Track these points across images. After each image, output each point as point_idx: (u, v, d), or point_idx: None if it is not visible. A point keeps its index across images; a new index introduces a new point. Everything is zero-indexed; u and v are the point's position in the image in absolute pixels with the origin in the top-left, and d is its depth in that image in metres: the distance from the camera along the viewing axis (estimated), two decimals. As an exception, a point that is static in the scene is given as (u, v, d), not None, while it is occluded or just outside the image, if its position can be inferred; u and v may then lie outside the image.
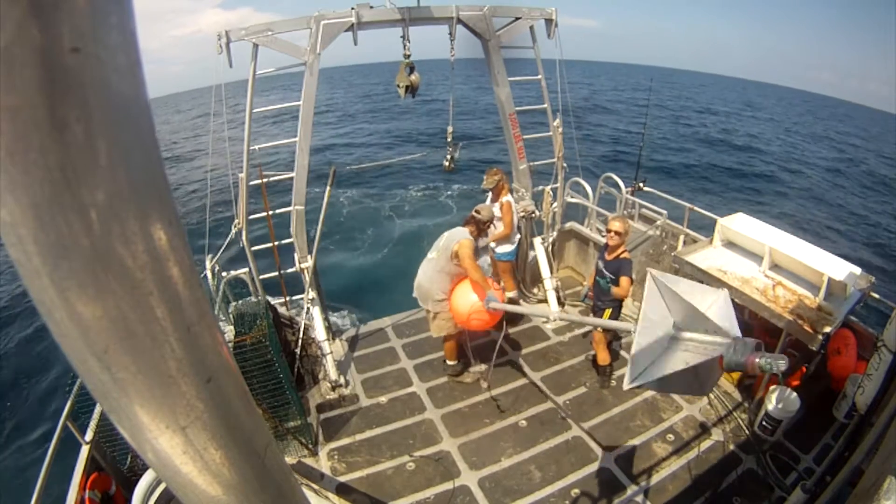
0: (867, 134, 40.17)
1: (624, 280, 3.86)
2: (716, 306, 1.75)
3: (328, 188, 3.90)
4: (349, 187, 15.45)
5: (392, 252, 11.06)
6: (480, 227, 3.96)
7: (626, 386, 1.70)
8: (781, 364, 1.44)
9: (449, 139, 4.75)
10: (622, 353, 4.69)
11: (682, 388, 1.83)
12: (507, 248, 5.03)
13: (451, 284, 3.92)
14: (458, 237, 3.83)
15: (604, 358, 4.30)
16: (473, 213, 3.99)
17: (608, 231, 3.97)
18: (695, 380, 1.63)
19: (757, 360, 1.44)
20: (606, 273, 3.99)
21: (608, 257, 4.01)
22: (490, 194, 4.95)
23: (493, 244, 5.07)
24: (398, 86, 4.14)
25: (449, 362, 4.42)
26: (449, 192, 15.09)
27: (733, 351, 1.48)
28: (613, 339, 4.65)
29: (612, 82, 67.91)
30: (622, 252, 3.95)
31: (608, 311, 4.07)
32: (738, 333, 1.57)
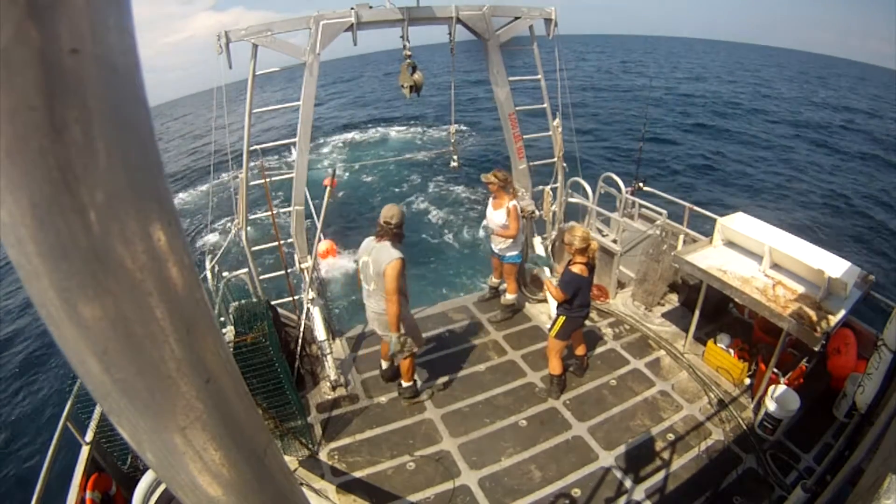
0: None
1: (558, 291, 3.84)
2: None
3: (329, 190, 3.90)
4: (353, 186, 15.47)
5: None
6: (395, 234, 3.69)
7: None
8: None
9: (452, 140, 4.73)
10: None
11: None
12: (515, 251, 5.02)
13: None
14: (385, 259, 3.56)
15: (555, 367, 4.13)
16: (382, 223, 3.66)
17: None
18: None
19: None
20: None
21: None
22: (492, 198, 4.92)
23: (499, 247, 5.05)
24: (402, 86, 4.14)
25: (405, 384, 4.18)
26: (453, 191, 15.10)
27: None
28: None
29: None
30: (572, 262, 3.83)
31: (561, 319, 3.94)
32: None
